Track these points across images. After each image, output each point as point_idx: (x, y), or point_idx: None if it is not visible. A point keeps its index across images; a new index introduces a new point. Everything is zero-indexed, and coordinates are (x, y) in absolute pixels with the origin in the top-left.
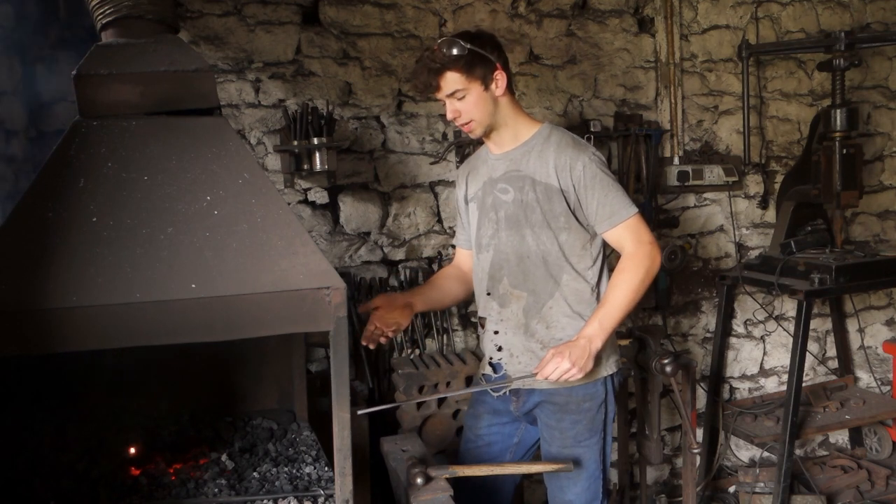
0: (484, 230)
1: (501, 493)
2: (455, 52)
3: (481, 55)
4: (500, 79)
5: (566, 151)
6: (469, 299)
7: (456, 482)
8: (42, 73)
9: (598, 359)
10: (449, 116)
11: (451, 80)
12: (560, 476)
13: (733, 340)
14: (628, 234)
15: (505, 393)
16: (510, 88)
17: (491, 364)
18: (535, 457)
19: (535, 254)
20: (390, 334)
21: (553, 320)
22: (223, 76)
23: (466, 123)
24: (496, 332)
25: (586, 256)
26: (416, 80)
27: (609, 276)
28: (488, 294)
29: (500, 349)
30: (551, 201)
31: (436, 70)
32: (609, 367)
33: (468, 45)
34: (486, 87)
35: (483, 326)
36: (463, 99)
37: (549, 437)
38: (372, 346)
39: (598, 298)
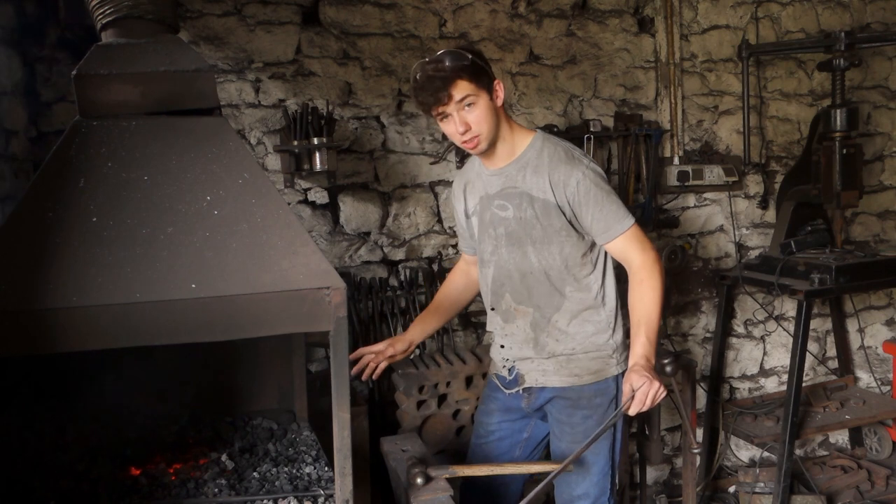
0: (485, 245)
1: (511, 486)
2: (461, 61)
3: (482, 65)
4: (499, 90)
5: (559, 168)
6: (468, 310)
7: (464, 478)
8: (42, 72)
9: (610, 356)
10: (459, 129)
11: (462, 88)
12: (569, 472)
13: (733, 340)
14: (628, 245)
15: (518, 391)
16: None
17: (505, 367)
18: (544, 453)
19: (538, 270)
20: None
21: (562, 332)
22: (223, 76)
23: (473, 138)
24: (502, 346)
25: (587, 263)
26: (423, 92)
27: (612, 270)
28: (492, 309)
29: (507, 360)
30: (550, 217)
31: (446, 78)
32: (620, 365)
33: (470, 55)
34: (491, 97)
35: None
36: (472, 108)
37: (560, 432)
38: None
39: (603, 298)
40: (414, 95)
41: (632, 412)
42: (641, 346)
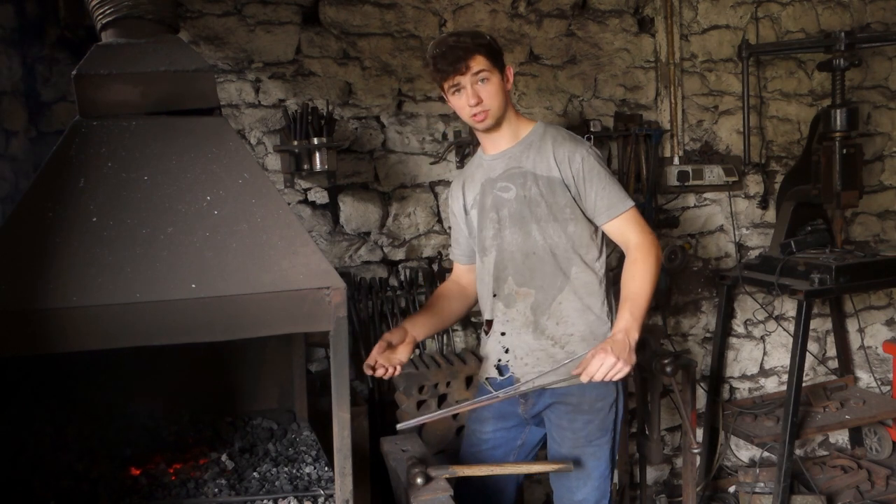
0: (485, 232)
1: (504, 492)
2: (480, 38)
3: (497, 48)
4: (510, 74)
5: (564, 145)
6: (469, 313)
7: (458, 482)
8: (42, 72)
9: None
10: (471, 101)
11: (479, 62)
12: (569, 476)
13: (733, 340)
14: (629, 224)
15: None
16: None
17: (497, 367)
18: (538, 457)
19: (543, 248)
20: (393, 372)
21: (563, 316)
22: (223, 76)
23: (484, 111)
24: (503, 334)
25: (594, 248)
26: (443, 61)
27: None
28: (494, 296)
29: (506, 351)
30: (555, 194)
31: (467, 49)
32: None
33: (487, 37)
34: (503, 77)
35: (487, 332)
36: (485, 83)
37: (560, 437)
38: (371, 373)
39: (605, 290)
40: (432, 64)
41: (583, 379)
42: (624, 320)
